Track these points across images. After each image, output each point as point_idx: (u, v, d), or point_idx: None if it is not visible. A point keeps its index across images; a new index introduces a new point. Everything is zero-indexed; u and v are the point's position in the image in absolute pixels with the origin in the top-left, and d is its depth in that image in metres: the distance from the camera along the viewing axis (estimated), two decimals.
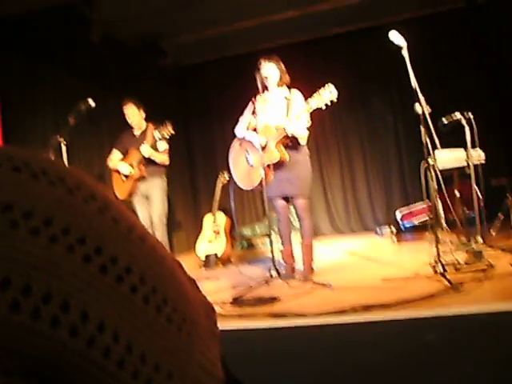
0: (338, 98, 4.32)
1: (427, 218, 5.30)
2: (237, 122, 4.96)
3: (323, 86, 4.39)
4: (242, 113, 4.92)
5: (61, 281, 0.30)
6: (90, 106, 4.86)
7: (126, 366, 0.31)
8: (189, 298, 0.38)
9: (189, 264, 6.62)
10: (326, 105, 4.32)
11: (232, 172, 4.93)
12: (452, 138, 4.90)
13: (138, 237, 0.35)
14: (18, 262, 0.29)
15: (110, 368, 0.30)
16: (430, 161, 4.09)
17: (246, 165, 4.78)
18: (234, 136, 4.90)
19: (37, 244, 0.30)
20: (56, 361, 0.29)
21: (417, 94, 3.97)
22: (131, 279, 0.33)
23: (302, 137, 4.55)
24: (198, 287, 0.42)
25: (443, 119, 4.91)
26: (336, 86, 4.36)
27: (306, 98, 4.60)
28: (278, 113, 4.67)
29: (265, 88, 4.71)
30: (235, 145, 4.87)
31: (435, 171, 4.24)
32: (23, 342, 0.29)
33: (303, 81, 5.06)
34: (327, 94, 4.30)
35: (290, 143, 4.57)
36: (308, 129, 4.57)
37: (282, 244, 4.81)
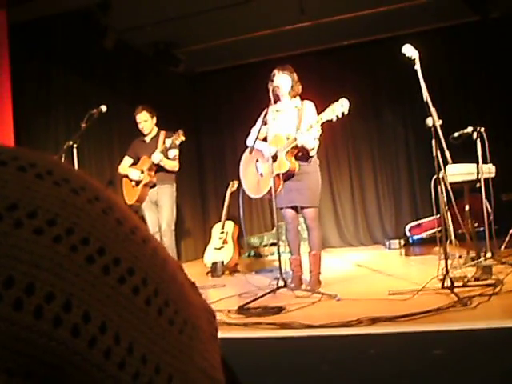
0: (349, 110, 4.32)
1: (436, 232, 5.28)
2: (248, 131, 4.98)
3: (336, 98, 4.39)
4: (253, 122, 4.93)
5: (64, 281, 0.30)
6: (102, 111, 4.89)
7: (127, 368, 0.31)
8: (190, 301, 0.38)
9: (196, 271, 6.61)
10: (338, 117, 4.32)
11: (241, 180, 4.95)
12: (463, 152, 4.89)
13: (140, 239, 0.35)
14: (21, 260, 0.29)
15: (111, 369, 0.30)
16: (441, 174, 4.08)
17: (255, 173, 4.80)
18: (245, 146, 4.91)
19: (40, 243, 0.30)
20: (57, 361, 0.29)
21: (428, 106, 3.96)
22: (133, 281, 0.33)
23: (312, 148, 4.56)
24: (198, 292, 0.42)
25: (455, 133, 4.90)
26: (348, 97, 4.36)
27: (318, 110, 4.61)
28: (289, 123, 4.67)
29: (277, 98, 4.72)
30: (246, 153, 4.88)
31: (445, 185, 4.22)
32: (25, 341, 0.28)
33: (315, 90, 5.08)
34: (339, 108, 4.31)
35: (300, 153, 4.58)
36: (318, 139, 4.58)
37: (291, 253, 4.80)
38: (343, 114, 4.31)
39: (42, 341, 0.29)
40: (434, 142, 3.93)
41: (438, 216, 4.32)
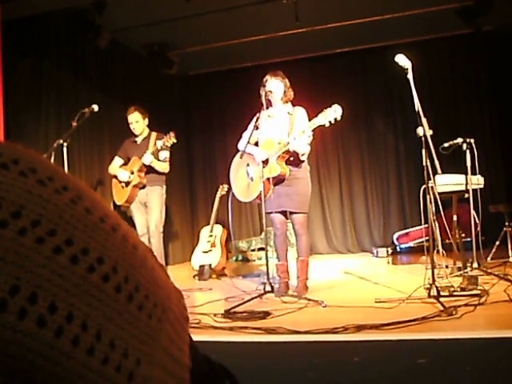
0: (341, 116, 4.34)
1: (424, 241, 5.30)
2: (239, 135, 4.98)
3: (328, 104, 4.41)
4: (244, 126, 4.93)
5: (29, 273, 0.29)
6: (93, 110, 4.88)
7: (96, 354, 0.31)
8: (160, 284, 0.38)
9: (183, 274, 6.60)
10: (330, 122, 4.34)
11: (232, 184, 4.94)
12: (453, 162, 4.92)
13: (110, 227, 0.35)
14: None
15: (80, 356, 0.30)
16: (430, 184, 4.10)
17: (245, 178, 4.79)
18: (237, 149, 4.90)
19: (4, 237, 0.29)
20: (24, 352, 0.29)
21: (420, 116, 3.98)
22: (103, 269, 0.33)
23: (303, 153, 4.57)
24: (167, 274, 0.42)
25: (445, 143, 4.93)
26: (339, 104, 4.38)
27: (309, 116, 4.62)
28: (281, 128, 4.68)
29: (269, 103, 4.72)
30: (236, 157, 4.88)
31: (434, 194, 4.24)
32: None
33: (307, 97, 5.09)
34: (331, 113, 4.32)
35: (291, 158, 4.59)
36: (309, 144, 4.59)
37: (278, 259, 4.80)
38: (335, 119, 4.33)
39: (6, 334, 0.28)
40: (423, 151, 3.95)
41: (426, 225, 4.34)
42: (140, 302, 0.34)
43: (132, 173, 5.44)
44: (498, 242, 5.56)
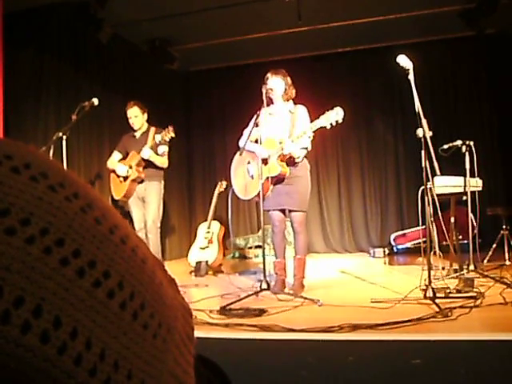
0: (343, 119, 4.33)
1: (421, 242, 5.31)
2: (239, 131, 4.97)
3: (328, 103, 4.40)
4: (245, 124, 4.92)
5: (35, 284, 0.28)
6: (93, 104, 4.86)
7: (98, 375, 0.30)
8: (167, 302, 0.36)
9: (179, 270, 6.59)
10: (331, 125, 4.33)
11: (232, 181, 4.94)
12: (452, 164, 4.92)
13: (119, 238, 0.34)
14: None
15: (81, 376, 0.29)
16: (428, 185, 4.10)
17: (246, 175, 4.79)
18: (237, 146, 4.89)
19: (12, 245, 0.28)
20: (24, 367, 0.28)
21: (420, 117, 3.98)
22: (109, 284, 0.31)
23: (298, 157, 4.56)
24: (177, 288, 0.40)
25: (444, 145, 4.93)
26: (340, 105, 4.37)
27: (310, 114, 4.62)
28: (282, 126, 4.67)
29: (269, 101, 4.72)
30: (237, 154, 4.87)
31: (432, 196, 4.24)
32: None
33: (308, 95, 5.09)
34: (333, 116, 4.32)
35: (291, 158, 4.58)
36: (311, 142, 4.58)
37: (276, 256, 4.80)
38: (337, 122, 4.32)
39: (8, 347, 0.27)
40: (423, 152, 3.95)
41: (424, 227, 4.35)
42: (145, 320, 0.33)
43: (130, 167, 5.43)
44: (494, 245, 5.57)
